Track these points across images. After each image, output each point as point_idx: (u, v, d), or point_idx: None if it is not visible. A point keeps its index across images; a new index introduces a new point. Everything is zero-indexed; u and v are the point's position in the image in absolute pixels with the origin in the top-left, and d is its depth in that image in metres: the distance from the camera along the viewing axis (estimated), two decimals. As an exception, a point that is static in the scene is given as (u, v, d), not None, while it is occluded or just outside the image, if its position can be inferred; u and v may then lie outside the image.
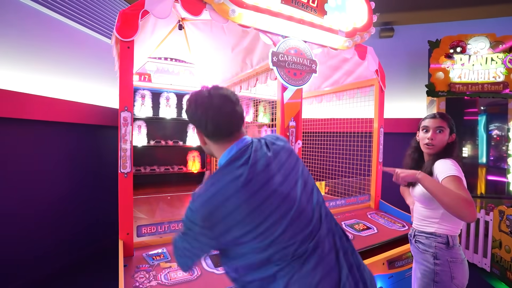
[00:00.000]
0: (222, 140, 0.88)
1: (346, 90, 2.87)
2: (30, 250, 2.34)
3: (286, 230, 0.78)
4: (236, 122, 0.88)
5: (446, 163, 1.22)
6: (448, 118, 1.38)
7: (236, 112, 0.87)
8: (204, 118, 0.85)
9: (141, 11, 1.43)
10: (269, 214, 0.77)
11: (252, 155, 0.83)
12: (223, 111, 0.85)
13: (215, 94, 0.86)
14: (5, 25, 2.25)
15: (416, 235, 1.37)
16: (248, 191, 0.77)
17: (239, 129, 0.90)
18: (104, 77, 3.22)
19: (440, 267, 1.24)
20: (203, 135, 0.90)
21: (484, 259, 2.77)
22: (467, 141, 3.83)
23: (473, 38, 3.51)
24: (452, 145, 1.36)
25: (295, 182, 0.86)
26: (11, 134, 2.20)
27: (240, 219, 0.75)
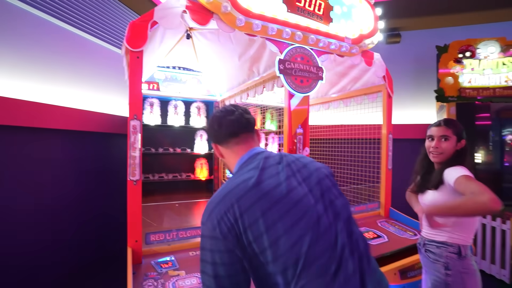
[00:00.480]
0: (231, 143, 0.92)
1: (354, 97, 2.86)
2: (37, 257, 2.37)
3: (301, 239, 0.72)
4: (244, 123, 0.93)
5: (455, 169, 1.21)
6: (455, 125, 1.36)
7: (242, 116, 0.93)
8: (214, 125, 0.94)
9: (150, 21, 1.47)
10: (279, 218, 0.73)
11: (263, 161, 0.85)
12: (230, 115, 0.92)
13: (227, 106, 0.97)
14: (19, 37, 2.33)
15: (426, 244, 1.33)
16: (259, 192, 0.76)
17: (248, 131, 0.94)
18: (114, 86, 3.28)
19: (452, 278, 1.20)
20: (219, 145, 0.96)
21: (502, 270, 2.66)
22: (480, 146, 3.74)
23: (482, 43, 3.47)
24: (462, 152, 1.33)
25: (309, 190, 0.81)
26: (24, 142, 2.25)
27: (252, 221, 0.72)
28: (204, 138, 3.70)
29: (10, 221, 2.15)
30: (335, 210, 0.82)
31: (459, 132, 1.34)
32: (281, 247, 0.71)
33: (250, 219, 0.72)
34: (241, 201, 0.74)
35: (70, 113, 2.58)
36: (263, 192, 0.76)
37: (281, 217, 0.74)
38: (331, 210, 0.81)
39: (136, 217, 1.46)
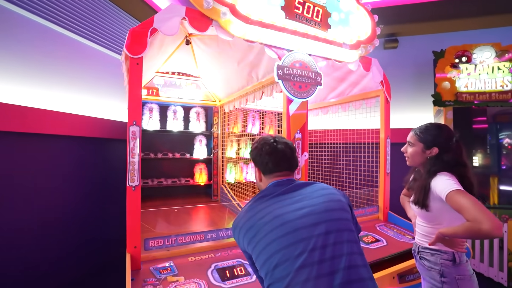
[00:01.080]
0: (274, 175, 1.06)
1: (352, 101, 2.89)
2: (37, 264, 2.35)
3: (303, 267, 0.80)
4: (293, 164, 1.08)
5: (441, 180, 1.18)
6: (424, 132, 1.34)
7: (294, 157, 1.09)
8: (267, 157, 1.05)
9: (150, 28, 1.48)
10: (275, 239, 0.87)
11: (284, 188, 1.00)
12: (285, 154, 1.06)
13: (279, 141, 1.08)
14: (18, 42, 2.34)
15: (420, 251, 1.33)
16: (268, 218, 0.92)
17: (292, 170, 1.09)
18: (113, 91, 3.29)
19: (448, 285, 1.20)
20: (262, 172, 1.09)
21: (500, 273, 2.67)
22: (477, 150, 3.76)
23: (478, 48, 3.51)
24: (434, 160, 1.28)
25: (314, 224, 0.88)
26: (23, 148, 2.26)
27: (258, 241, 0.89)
28: (203, 143, 3.71)
29: (10, 227, 2.14)
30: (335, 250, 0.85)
31: (427, 140, 1.31)
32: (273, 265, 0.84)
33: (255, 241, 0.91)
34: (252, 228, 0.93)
35: (69, 119, 2.58)
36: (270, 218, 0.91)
37: (277, 238, 0.87)
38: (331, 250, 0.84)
39: (135, 223, 1.46)
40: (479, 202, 1.03)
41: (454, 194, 1.09)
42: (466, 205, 1.03)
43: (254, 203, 0.99)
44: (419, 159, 1.35)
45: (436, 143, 1.30)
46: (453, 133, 1.32)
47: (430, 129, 1.34)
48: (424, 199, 1.23)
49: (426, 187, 1.23)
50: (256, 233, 0.89)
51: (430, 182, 1.21)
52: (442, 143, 1.29)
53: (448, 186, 1.13)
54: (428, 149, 1.31)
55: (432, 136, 1.31)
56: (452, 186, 1.12)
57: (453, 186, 1.12)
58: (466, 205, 1.04)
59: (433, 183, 1.20)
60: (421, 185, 1.26)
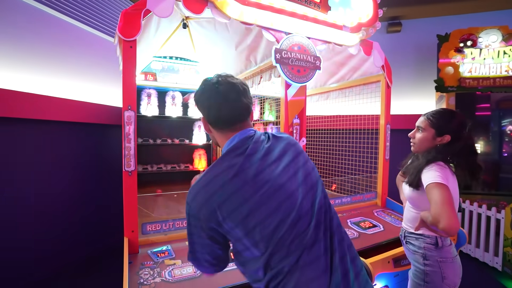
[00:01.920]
0: (224, 130, 0.87)
1: (352, 87, 2.84)
2: (37, 249, 2.40)
3: (279, 225, 0.74)
4: (239, 113, 0.86)
5: (431, 170, 1.15)
6: (438, 118, 1.26)
7: (241, 102, 0.85)
8: (207, 104, 0.85)
9: (143, 10, 1.44)
10: (260, 205, 0.75)
11: (251, 146, 0.82)
12: (227, 98, 0.83)
13: (222, 81, 0.84)
14: (16, 28, 2.30)
15: (406, 236, 1.36)
16: (241, 180, 0.76)
17: (242, 120, 0.87)
18: (111, 76, 3.26)
19: (430, 268, 1.22)
20: (208, 122, 0.89)
21: (495, 258, 2.70)
22: (480, 137, 3.74)
23: (484, 31, 3.41)
24: (443, 148, 1.23)
25: (293, 174, 0.81)
26: (20, 133, 2.25)
27: (233, 208, 0.74)
28: (202, 129, 3.69)
29: (10, 212, 2.17)
30: (307, 184, 0.83)
31: (440, 126, 1.24)
32: (260, 234, 0.74)
33: (229, 209, 0.75)
34: (221, 191, 0.75)
35: (67, 104, 2.56)
36: (243, 181, 0.76)
37: (260, 205, 0.75)
38: (311, 192, 0.82)
39: (132, 207, 1.47)
40: (448, 200, 1.02)
41: (432, 187, 1.09)
42: (435, 200, 1.04)
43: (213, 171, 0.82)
44: (428, 146, 1.27)
45: (450, 130, 1.22)
46: (466, 121, 1.25)
47: (444, 115, 1.26)
48: (417, 180, 1.22)
49: (420, 170, 1.21)
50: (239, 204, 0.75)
51: (424, 167, 1.19)
52: (456, 131, 1.22)
53: (432, 177, 1.12)
54: (440, 136, 1.24)
55: (446, 122, 1.24)
56: (434, 179, 1.10)
57: (436, 178, 1.10)
58: (435, 200, 1.04)
59: (424, 170, 1.19)
60: (417, 167, 1.23)
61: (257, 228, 0.74)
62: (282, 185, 0.78)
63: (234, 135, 0.86)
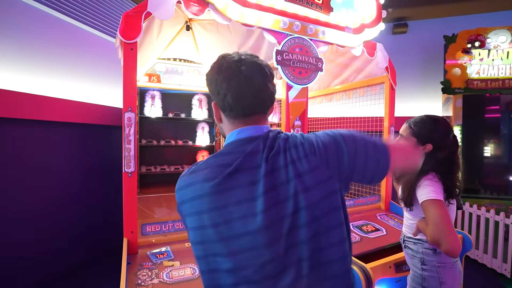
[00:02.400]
0: (239, 119, 0.70)
1: (356, 88, 2.81)
2: (38, 248, 2.42)
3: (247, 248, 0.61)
4: (262, 100, 0.69)
5: (423, 186, 1.12)
6: (419, 126, 1.20)
7: (267, 88, 0.69)
8: (225, 86, 0.66)
9: (144, 12, 1.45)
10: (230, 221, 0.61)
11: (242, 158, 0.64)
12: (251, 82, 0.66)
13: (246, 61, 0.68)
14: (17, 29, 2.34)
15: (405, 240, 1.34)
16: (216, 201, 0.62)
17: (262, 112, 0.71)
18: (114, 78, 3.29)
19: (428, 273, 1.20)
20: (220, 108, 0.72)
21: (504, 264, 2.63)
22: (489, 140, 3.65)
23: (493, 32, 3.34)
24: (426, 158, 1.17)
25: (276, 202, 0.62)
26: (23, 134, 2.29)
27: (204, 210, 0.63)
28: (205, 130, 3.70)
29: (10, 212, 2.21)
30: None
31: (422, 135, 1.19)
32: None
33: (197, 209, 0.64)
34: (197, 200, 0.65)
35: (70, 105, 2.60)
36: (221, 203, 0.62)
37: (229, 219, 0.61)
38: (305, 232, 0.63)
39: (131, 208, 1.47)
40: (446, 220, 0.99)
41: (427, 205, 1.07)
42: (432, 221, 1.02)
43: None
44: None
45: (431, 139, 1.18)
46: (450, 128, 1.20)
47: (426, 123, 1.20)
48: (410, 199, 1.19)
49: (413, 187, 1.17)
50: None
51: (417, 183, 1.16)
52: (438, 139, 1.17)
53: (426, 193, 1.09)
54: (422, 145, 1.19)
55: (428, 131, 1.19)
56: (429, 195, 1.07)
57: (430, 194, 1.07)
58: (432, 220, 1.02)
59: (417, 187, 1.15)
60: (409, 184, 1.20)
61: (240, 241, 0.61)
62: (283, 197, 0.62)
63: (246, 127, 0.70)
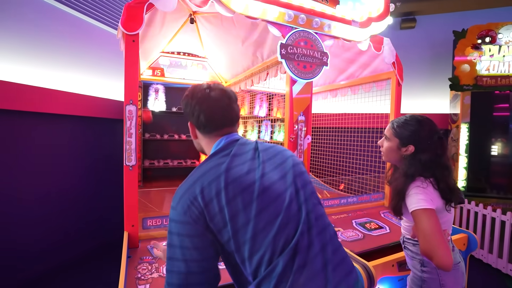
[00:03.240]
0: (212, 134, 0.87)
1: (362, 84, 2.76)
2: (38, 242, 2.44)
3: (266, 226, 0.71)
4: (230, 118, 0.88)
5: (412, 194, 1.07)
6: (401, 126, 1.17)
7: (231, 108, 0.88)
8: (198, 108, 0.84)
9: (146, 4, 1.43)
10: (247, 206, 0.72)
11: (236, 147, 0.82)
12: (219, 104, 0.85)
13: (214, 88, 0.87)
14: (21, 21, 2.33)
15: (405, 241, 1.30)
16: (227, 178, 0.74)
17: (231, 125, 0.89)
18: (117, 71, 3.27)
19: (428, 275, 1.16)
20: (195, 127, 0.89)
21: (509, 265, 2.59)
22: (497, 138, 3.58)
23: (505, 27, 3.25)
24: (410, 160, 1.14)
25: (281, 177, 0.80)
26: (28, 127, 2.30)
27: (220, 207, 0.71)
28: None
29: (11, 206, 2.22)
30: (305, 195, 0.81)
31: (403, 136, 1.16)
32: (247, 234, 0.70)
33: (215, 208, 0.71)
34: (208, 188, 0.73)
35: (72, 98, 2.60)
36: (231, 179, 0.74)
37: (248, 205, 0.72)
38: (302, 194, 0.80)
39: (132, 202, 1.47)
40: (436, 231, 0.96)
41: (416, 214, 1.03)
42: (422, 232, 0.99)
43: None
44: (394, 156, 1.21)
45: (413, 140, 1.14)
46: (435, 129, 1.15)
47: (409, 123, 1.16)
48: (400, 208, 1.15)
49: (401, 195, 1.12)
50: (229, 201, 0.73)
51: (405, 190, 1.11)
52: (420, 141, 1.13)
53: (415, 202, 1.04)
54: (404, 146, 1.16)
55: (410, 131, 1.15)
56: (419, 204, 1.03)
57: (419, 203, 1.03)
58: (422, 231, 0.99)
59: (407, 194, 1.10)
60: (396, 190, 1.15)
61: (244, 229, 0.71)
62: (269, 187, 0.76)
63: (221, 138, 0.87)
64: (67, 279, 2.43)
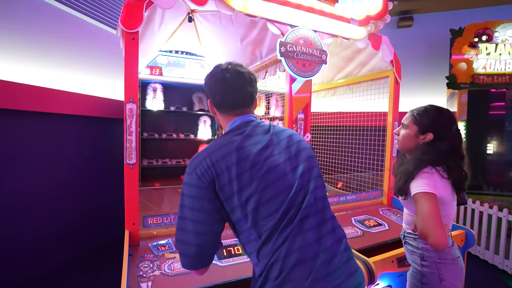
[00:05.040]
0: (228, 113, 0.95)
1: (360, 82, 2.77)
2: (39, 240, 2.44)
3: (269, 200, 0.79)
4: (243, 99, 0.94)
5: (417, 180, 1.09)
6: (421, 114, 1.19)
7: (245, 89, 0.93)
8: (214, 87, 0.92)
9: (145, 1, 1.42)
10: (252, 181, 0.79)
11: (250, 128, 0.89)
12: (232, 85, 0.91)
13: (231, 69, 0.92)
14: (21, 21, 2.32)
15: (405, 236, 1.31)
16: (239, 156, 0.81)
17: (245, 107, 0.95)
18: (116, 70, 3.27)
19: (428, 269, 1.18)
20: (213, 104, 0.97)
21: (505, 261, 2.62)
22: (493, 137, 3.61)
23: (501, 25, 3.28)
24: (427, 148, 1.15)
25: (287, 158, 0.86)
26: (29, 126, 2.29)
27: (230, 180, 0.79)
28: (207, 124, 3.69)
29: (11, 205, 2.21)
30: (309, 177, 0.86)
31: (423, 123, 1.17)
32: (251, 206, 0.78)
33: (225, 180, 0.80)
34: (221, 162, 0.80)
35: (71, 97, 2.59)
36: (242, 156, 0.81)
37: (254, 180, 0.80)
38: (307, 176, 0.86)
39: (133, 200, 1.47)
40: (434, 213, 0.98)
41: (418, 197, 1.05)
42: (421, 214, 1.01)
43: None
44: (411, 144, 1.22)
45: (432, 127, 1.16)
46: (454, 119, 1.17)
47: (429, 112, 1.19)
48: (406, 188, 1.15)
49: (409, 175, 1.13)
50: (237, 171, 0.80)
51: (414, 173, 1.11)
52: (440, 129, 1.15)
53: (417, 186, 1.07)
54: (423, 133, 1.17)
55: (430, 119, 1.17)
56: (421, 187, 1.05)
57: (421, 187, 1.05)
58: (420, 213, 1.02)
59: (415, 177, 1.12)
60: (405, 173, 1.16)
61: (251, 200, 0.78)
62: (276, 167, 0.83)
63: (236, 118, 0.93)
64: (69, 278, 2.43)
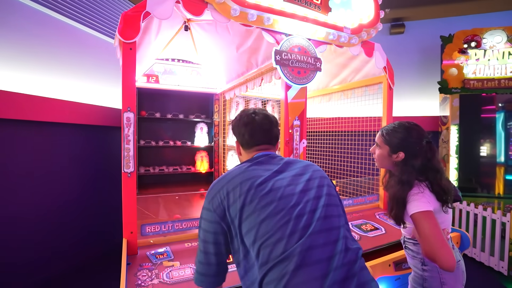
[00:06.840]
0: (252, 148, 1.03)
1: (354, 88, 2.82)
2: (38, 249, 2.41)
3: (267, 217, 0.79)
4: (269, 137, 1.04)
5: (411, 201, 1.09)
6: (390, 134, 1.20)
7: (272, 130, 1.04)
8: (243, 128, 1.02)
9: (142, 12, 1.45)
10: (253, 199, 0.82)
11: (264, 158, 0.96)
12: (261, 125, 1.02)
13: (258, 113, 1.04)
14: (17, 30, 2.33)
15: (405, 241, 1.33)
16: (243, 177, 0.86)
17: (269, 144, 1.04)
18: (113, 78, 3.28)
19: (429, 273, 1.19)
20: (240, 145, 1.06)
21: (501, 262, 2.65)
22: (485, 139, 3.68)
23: (488, 32, 3.38)
24: (402, 167, 1.16)
25: (303, 190, 0.86)
26: (25, 135, 2.28)
27: (234, 199, 0.83)
28: (204, 131, 3.70)
29: (10, 214, 2.19)
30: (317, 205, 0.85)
31: (393, 143, 1.18)
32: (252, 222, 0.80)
33: (231, 200, 0.83)
34: (232, 191, 0.84)
35: (68, 106, 2.59)
36: (246, 177, 0.86)
37: (255, 198, 0.82)
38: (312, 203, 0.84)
39: (131, 208, 1.47)
40: (437, 233, 0.98)
41: (416, 218, 1.05)
42: (423, 236, 1.01)
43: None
44: (386, 163, 1.24)
45: (402, 147, 1.17)
46: (423, 134, 1.17)
47: (397, 131, 1.19)
48: (401, 216, 1.15)
49: (401, 202, 1.12)
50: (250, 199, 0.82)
51: (405, 198, 1.11)
52: (410, 147, 1.15)
53: (413, 207, 1.07)
54: (394, 153, 1.19)
55: (398, 139, 1.17)
56: (416, 208, 1.05)
57: (417, 207, 1.05)
58: (423, 235, 1.01)
59: (407, 201, 1.11)
60: (395, 198, 1.15)
61: (249, 218, 0.80)
62: (278, 188, 0.85)
63: (258, 153, 1.01)
64: (66, 287, 2.39)
